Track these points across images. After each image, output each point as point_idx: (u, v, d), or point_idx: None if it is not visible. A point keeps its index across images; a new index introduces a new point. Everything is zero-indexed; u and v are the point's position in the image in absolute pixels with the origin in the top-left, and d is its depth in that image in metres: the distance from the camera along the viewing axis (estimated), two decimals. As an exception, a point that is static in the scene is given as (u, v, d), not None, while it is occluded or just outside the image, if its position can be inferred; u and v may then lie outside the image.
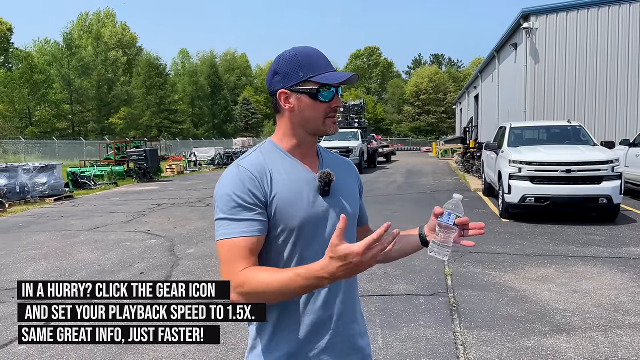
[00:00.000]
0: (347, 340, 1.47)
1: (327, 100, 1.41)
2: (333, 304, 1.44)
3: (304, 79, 1.39)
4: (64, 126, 52.89)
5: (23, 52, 51.64)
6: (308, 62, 1.39)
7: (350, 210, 1.50)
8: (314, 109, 1.41)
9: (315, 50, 1.44)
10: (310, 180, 1.43)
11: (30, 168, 14.45)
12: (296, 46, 1.45)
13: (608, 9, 16.69)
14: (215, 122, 71.07)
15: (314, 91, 1.39)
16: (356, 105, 30.34)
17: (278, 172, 1.41)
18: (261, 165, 1.40)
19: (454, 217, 1.42)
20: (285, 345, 1.41)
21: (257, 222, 1.34)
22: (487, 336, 4.13)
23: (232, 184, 1.37)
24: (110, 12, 67.03)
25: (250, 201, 1.34)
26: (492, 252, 6.95)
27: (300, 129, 1.45)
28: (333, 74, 1.40)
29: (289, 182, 1.40)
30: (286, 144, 1.47)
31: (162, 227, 9.44)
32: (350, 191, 1.55)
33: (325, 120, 1.43)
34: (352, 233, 1.52)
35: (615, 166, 8.76)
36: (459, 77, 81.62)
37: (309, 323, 1.41)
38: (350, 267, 1.17)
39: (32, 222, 10.63)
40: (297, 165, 1.45)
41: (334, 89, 1.41)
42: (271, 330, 1.42)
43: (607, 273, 5.88)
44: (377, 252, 1.16)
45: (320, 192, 1.43)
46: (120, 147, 25.66)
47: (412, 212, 10.62)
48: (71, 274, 6.26)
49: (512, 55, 19.21)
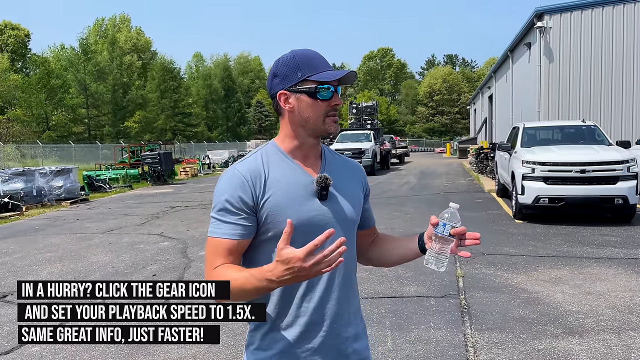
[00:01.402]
0: (341, 344, 1.47)
1: (326, 98, 1.41)
2: (328, 305, 1.44)
3: (302, 79, 1.40)
4: (80, 130, 53.56)
5: (40, 58, 52.46)
6: (306, 62, 1.41)
7: (348, 214, 1.49)
8: (314, 108, 1.42)
9: (313, 51, 1.45)
10: (309, 184, 1.44)
11: (47, 172, 14.67)
12: (295, 49, 1.47)
13: (623, 7, 16.45)
14: (229, 125, 71.49)
15: (313, 90, 1.40)
16: (369, 106, 30.32)
17: (275, 175, 1.42)
18: (257, 169, 1.42)
19: (449, 228, 1.40)
20: (279, 344, 1.42)
21: (240, 227, 1.38)
22: (498, 338, 4.10)
23: (224, 186, 1.42)
24: (125, 17, 67.83)
25: (237, 206, 1.38)
26: (505, 254, 6.89)
27: (301, 129, 1.46)
28: (330, 72, 1.41)
29: (285, 186, 1.41)
30: (287, 145, 1.48)
31: (175, 229, 9.52)
32: (353, 195, 1.54)
33: (325, 119, 1.43)
34: (352, 238, 1.52)
35: (631, 166, 8.63)
36: (473, 78, 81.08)
37: (302, 323, 1.42)
38: (294, 272, 1.20)
39: (48, 225, 10.78)
40: (296, 169, 1.46)
41: (333, 88, 1.42)
42: (267, 329, 1.44)
43: (622, 275, 5.80)
44: (319, 259, 1.18)
45: (318, 196, 1.43)
46: (135, 150, 25.94)
47: (425, 213, 10.56)
48: (85, 276, 6.34)
49: (526, 55, 19.03)
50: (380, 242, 1.69)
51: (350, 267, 1.53)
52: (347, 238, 1.45)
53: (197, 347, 4.07)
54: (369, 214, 1.68)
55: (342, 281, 1.47)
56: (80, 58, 53.17)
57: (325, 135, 1.47)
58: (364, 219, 1.64)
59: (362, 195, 1.60)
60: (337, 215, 1.46)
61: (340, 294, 1.46)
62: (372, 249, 1.69)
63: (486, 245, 7.44)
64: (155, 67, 62.83)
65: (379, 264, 1.70)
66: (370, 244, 1.69)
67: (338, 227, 1.44)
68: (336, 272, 1.45)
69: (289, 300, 1.42)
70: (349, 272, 1.51)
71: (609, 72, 16.69)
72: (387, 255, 1.63)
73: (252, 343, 1.47)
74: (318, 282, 1.43)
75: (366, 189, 1.65)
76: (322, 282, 1.43)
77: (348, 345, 1.49)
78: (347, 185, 1.52)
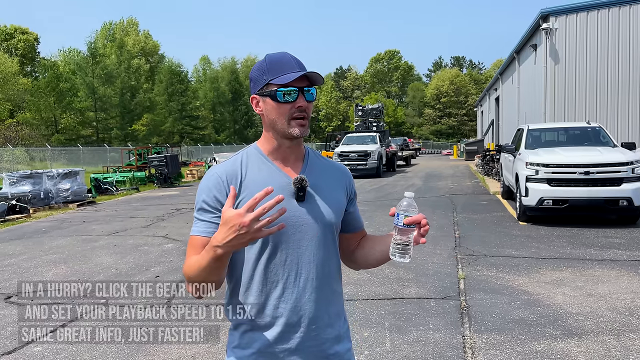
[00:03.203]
0: (320, 345, 1.48)
1: (288, 101, 1.42)
2: (305, 306, 1.45)
3: (266, 82, 1.43)
4: (88, 133, 53.96)
5: (49, 62, 52.95)
6: (271, 66, 1.43)
7: (326, 217, 1.49)
8: (278, 111, 1.44)
9: (283, 54, 1.46)
10: (286, 186, 1.45)
11: (54, 174, 14.79)
12: (270, 52, 1.49)
13: (629, 8, 16.36)
14: (237, 128, 71.70)
15: (274, 93, 1.42)
16: (374, 109, 30.30)
17: (252, 176, 1.46)
18: (234, 170, 1.46)
19: (402, 218, 1.39)
20: (257, 343, 1.45)
21: (215, 225, 1.41)
22: (497, 340, 4.10)
23: (202, 187, 1.47)
24: (133, 21, 68.28)
25: (212, 204, 1.43)
26: (507, 256, 6.88)
27: (273, 131, 1.48)
28: (290, 75, 1.41)
29: (261, 187, 1.41)
30: (266, 147, 1.51)
31: (179, 231, 9.58)
32: (333, 198, 1.54)
33: (290, 121, 1.44)
34: (330, 240, 1.52)
35: (636, 167, 8.58)
36: (480, 80, 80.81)
37: (280, 324, 1.44)
38: (236, 230, 1.22)
39: (55, 227, 10.88)
40: (273, 170, 1.48)
41: (298, 89, 1.42)
42: (246, 328, 1.47)
43: (625, 276, 5.78)
44: (258, 213, 1.21)
45: (295, 197, 1.45)
46: (142, 153, 26.08)
47: (430, 216, 10.54)
48: (89, 278, 6.40)
49: (532, 56, 18.97)
50: (363, 243, 1.69)
51: (329, 269, 1.52)
52: (324, 240, 1.48)
53: (197, 347, 4.11)
54: (355, 217, 1.67)
55: (319, 283, 1.48)
56: (89, 61, 53.59)
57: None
58: (348, 223, 1.64)
59: (344, 198, 1.59)
60: (314, 217, 1.47)
61: (318, 295, 1.47)
62: (358, 250, 1.68)
63: (489, 247, 7.43)
64: (163, 71, 63.16)
65: (365, 265, 1.68)
66: (356, 247, 1.69)
67: (315, 228, 1.46)
68: (310, 275, 1.46)
69: (266, 301, 1.44)
70: (328, 273, 1.51)
71: (615, 73, 16.59)
72: (370, 254, 1.63)
73: (232, 342, 1.50)
74: (293, 284, 1.44)
75: (351, 193, 1.64)
76: (297, 283, 1.45)
77: (328, 346, 1.49)
78: (328, 188, 1.53)
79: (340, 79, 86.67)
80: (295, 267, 1.45)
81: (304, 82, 1.43)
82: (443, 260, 6.69)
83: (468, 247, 7.46)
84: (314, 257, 1.47)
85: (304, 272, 1.46)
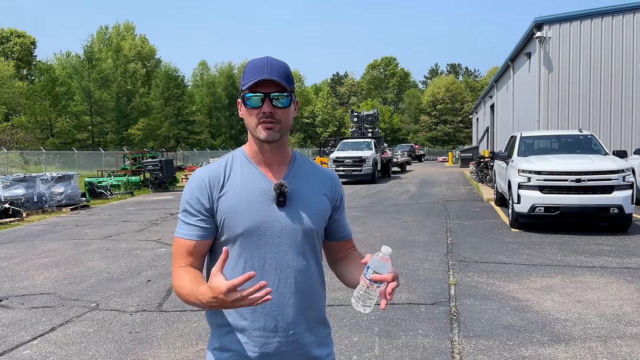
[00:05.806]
0: (298, 349, 1.48)
1: (253, 106, 1.43)
2: (283, 311, 1.46)
3: (241, 88, 1.46)
4: (84, 137, 53.83)
5: (45, 65, 52.85)
6: (247, 71, 1.45)
7: (306, 223, 1.49)
8: (248, 116, 1.46)
9: (260, 59, 1.46)
10: (267, 190, 1.47)
11: (48, 178, 14.76)
12: (255, 58, 1.51)
13: (622, 17, 16.53)
14: (233, 133, 71.70)
15: (243, 98, 1.45)
16: (370, 115, 30.42)
17: (235, 179, 1.47)
18: (217, 173, 1.48)
19: (370, 273, 1.32)
20: (236, 346, 1.46)
21: (198, 228, 1.45)
22: (485, 345, 4.13)
23: (186, 189, 1.50)
24: (129, 25, 68.24)
25: (195, 207, 1.46)
26: (498, 262, 6.92)
27: (252, 136, 1.50)
28: (252, 81, 1.41)
29: (241, 191, 1.45)
30: (250, 150, 1.53)
31: (172, 236, 9.55)
32: (316, 204, 1.52)
33: (258, 126, 1.44)
34: (310, 246, 1.52)
35: (627, 175, 8.65)
36: (476, 87, 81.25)
37: (258, 328, 1.45)
38: (219, 301, 1.23)
39: (47, 230, 10.85)
40: (256, 174, 1.49)
41: (263, 95, 1.42)
42: (225, 331, 1.48)
43: (614, 283, 5.82)
44: (237, 298, 1.19)
45: (276, 202, 1.46)
46: (137, 157, 26.03)
47: (424, 222, 10.59)
48: (80, 282, 6.39)
49: (526, 64, 19.11)
50: (346, 261, 1.66)
51: (309, 274, 1.51)
52: (304, 246, 1.48)
53: (187, 351, 4.11)
54: (340, 225, 1.65)
55: (299, 288, 1.48)
56: (85, 65, 53.55)
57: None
58: (333, 231, 1.63)
59: (328, 205, 1.57)
60: (294, 222, 1.47)
61: (296, 300, 1.47)
62: (339, 265, 1.66)
63: (480, 253, 7.47)
64: (159, 75, 63.18)
65: (344, 282, 1.63)
66: (341, 258, 1.67)
67: (294, 234, 1.47)
68: (289, 280, 1.46)
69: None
70: (308, 279, 1.51)
71: (608, 82, 16.74)
72: (346, 277, 1.60)
73: (213, 343, 1.52)
74: (272, 289, 1.43)
75: (337, 200, 1.61)
76: (275, 289, 1.44)
77: (307, 352, 1.49)
78: (310, 195, 1.52)
79: (336, 85, 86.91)
80: (274, 272, 1.45)
81: (272, 88, 1.42)
82: (435, 266, 6.72)
83: (460, 253, 7.49)
84: (294, 263, 1.47)
85: (283, 278, 1.46)
